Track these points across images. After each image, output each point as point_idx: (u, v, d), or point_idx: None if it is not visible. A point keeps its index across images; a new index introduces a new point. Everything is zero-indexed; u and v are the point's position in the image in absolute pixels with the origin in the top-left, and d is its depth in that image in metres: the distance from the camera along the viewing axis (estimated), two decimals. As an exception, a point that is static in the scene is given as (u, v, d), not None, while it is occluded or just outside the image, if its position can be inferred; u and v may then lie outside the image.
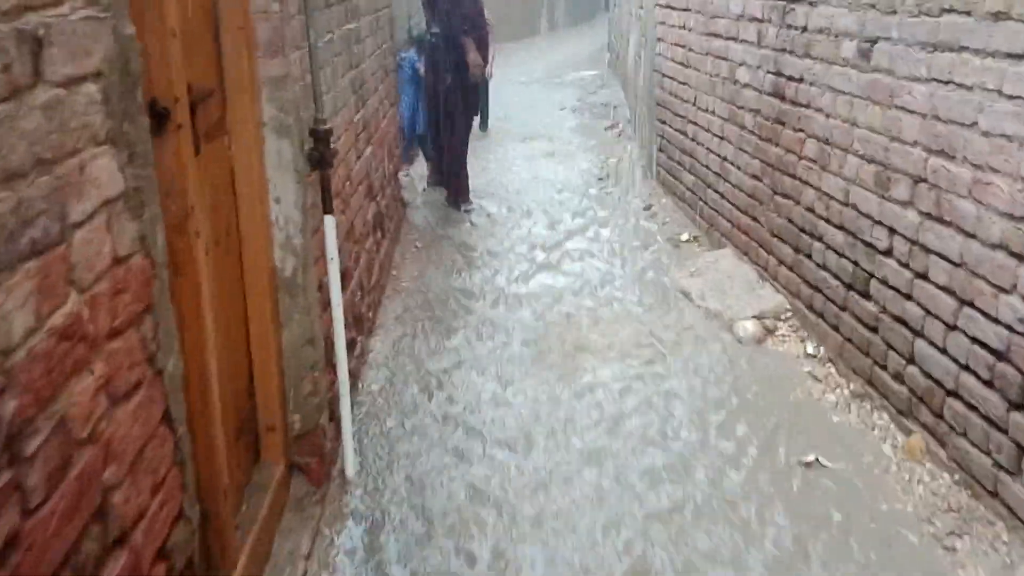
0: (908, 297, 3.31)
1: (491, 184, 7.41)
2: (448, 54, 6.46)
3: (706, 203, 5.71)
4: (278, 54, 2.73)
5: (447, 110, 6.62)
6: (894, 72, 3.36)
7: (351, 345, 3.49)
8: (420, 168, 7.48)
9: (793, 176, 4.31)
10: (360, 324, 4.03)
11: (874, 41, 3.51)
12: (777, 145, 4.49)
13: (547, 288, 5.13)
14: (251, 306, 2.80)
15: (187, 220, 2.17)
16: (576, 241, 5.97)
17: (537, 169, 7.94)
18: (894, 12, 3.36)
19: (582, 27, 20.34)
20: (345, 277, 3.58)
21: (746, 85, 4.91)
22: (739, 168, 5.07)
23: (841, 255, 3.84)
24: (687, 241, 5.83)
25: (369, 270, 4.39)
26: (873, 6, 3.51)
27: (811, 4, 4.06)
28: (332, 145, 2.99)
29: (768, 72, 4.58)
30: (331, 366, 3.11)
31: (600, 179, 7.48)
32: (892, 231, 3.42)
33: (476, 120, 7.47)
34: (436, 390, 3.91)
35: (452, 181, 6.76)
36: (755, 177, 4.81)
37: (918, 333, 3.26)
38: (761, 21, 4.66)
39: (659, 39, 6.77)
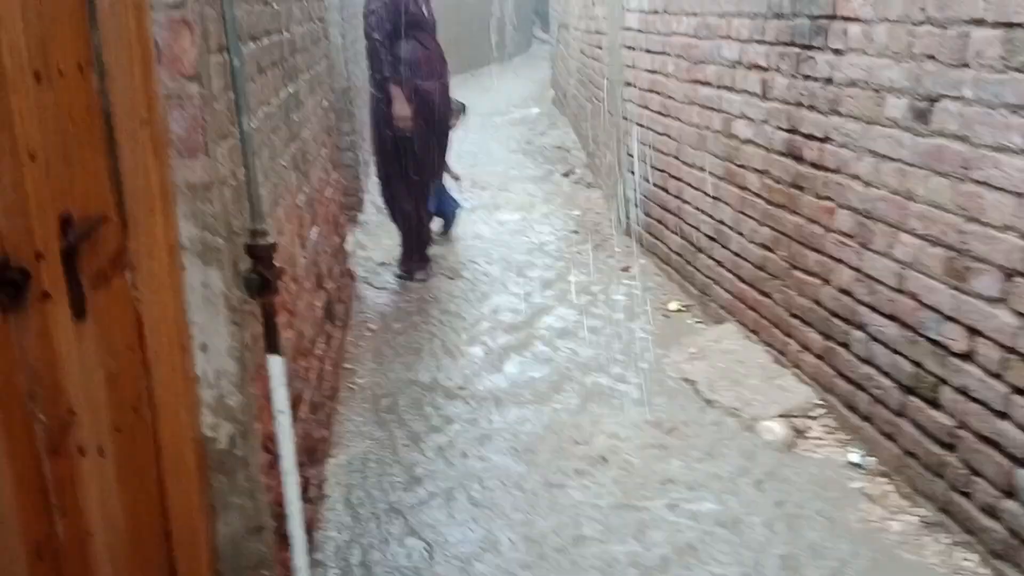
0: (1003, 416, 2.68)
1: (449, 243, 6.69)
2: (380, 104, 5.71)
3: (697, 269, 5.07)
4: (198, 152, 1.98)
5: (387, 168, 5.88)
6: (969, 139, 2.75)
7: (304, 487, 2.73)
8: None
9: (819, 251, 3.68)
10: (314, 454, 3.26)
11: (935, 99, 2.89)
12: (795, 213, 3.86)
13: (525, 382, 4.41)
14: (172, 495, 2.03)
15: (65, 433, 1.42)
16: (551, 315, 5.27)
17: (498, 224, 7.23)
18: (964, 65, 2.74)
19: (521, 59, 19.82)
20: (296, 404, 2.82)
21: (747, 141, 4.29)
22: (742, 234, 4.43)
23: (895, 351, 3.21)
24: (678, 311, 5.18)
25: (321, 380, 3.62)
26: (932, 57, 2.90)
27: (837, 52, 3.45)
28: (277, 262, 2.24)
29: (779, 128, 3.96)
30: (282, 560, 2.34)
31: (569, 234, 6.80)
32: (973, 332, 2.78)
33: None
34: (409, 536, 3.15)
35: (403, 248, 6.00)
36: (765, 247, 4.18)
37: (1019, 461, 2.62)
38: (766, 69, 4.04)
39: (628, 83, 6.14)
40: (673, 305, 5.23)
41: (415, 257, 5.94)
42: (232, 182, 2.17)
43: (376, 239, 6.82)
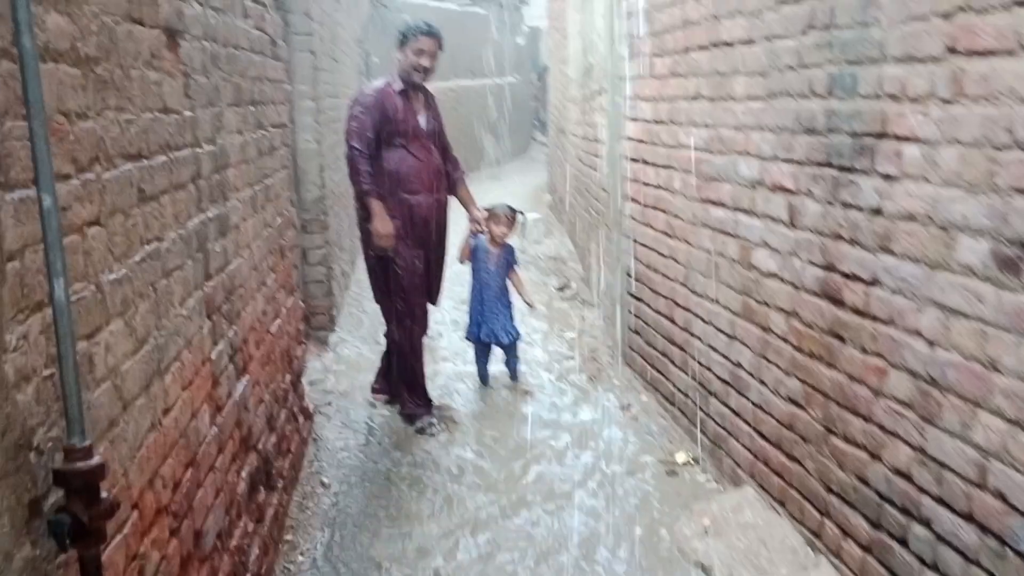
0: None
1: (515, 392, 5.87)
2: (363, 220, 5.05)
3: (709, 415, 4.33)
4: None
5: (376, 287, 5.19)
6: (1084, 301, 2.06)
7: None
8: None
9: (866, 418, 2.96)
10: None
11: (1029, 245, 2.22)
12: (832, 367, 3.16)
13: (502, 565, 3.62)
14: None
15: None
16: (541, 465, 4.50)
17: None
18: (1074, 204, 2.07)
19: (518, 162, 19.46)
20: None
21: (770, 275, 3.61)
22: (764, 383, 3.71)
23: (972, 561, 2.46)
24: (686, 464, 4.42)
25: None
26: (1021, 191, 2.23)
27: (887, 177, 2.79)
28: (106, 493, 1.51)
29: (811, 263, 3.28)
30: None
31: (563, 360, 6.08)
32: (1100, 563, 2.04)
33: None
34: None
35: (396, 380, 5.23)
36: (794, 402, 3.45)
37: None
38: (793, 192, 3.39)
39: (629, 197, 5.52)
40: (681, 456, 4.48)
41: (411, 398, 5.14)
42: (40, 375, 1.47)
43: (347, 362, 6.11)
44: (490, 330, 5.59)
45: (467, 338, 5.74)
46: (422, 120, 4.99)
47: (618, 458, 4.56)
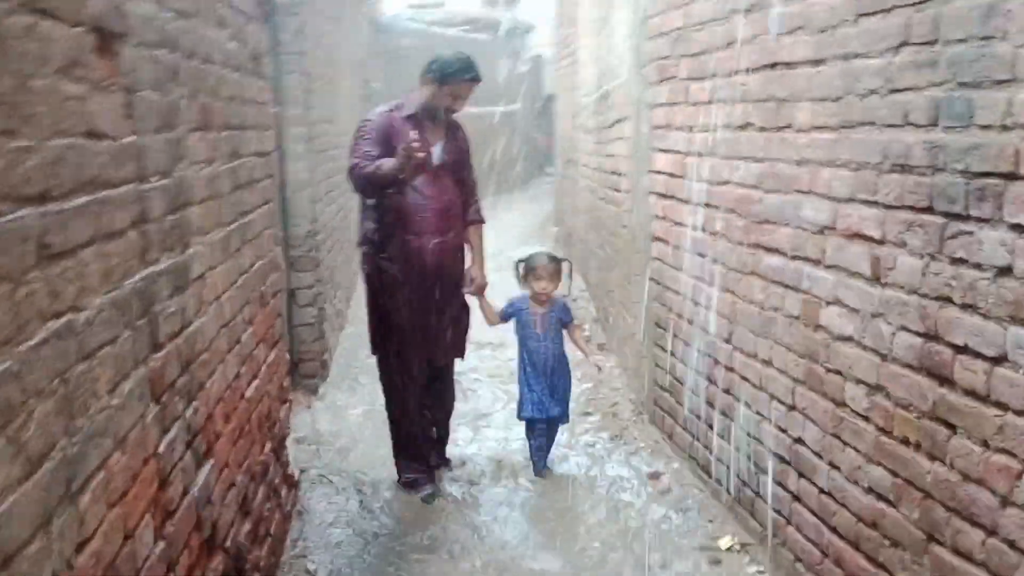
0: None
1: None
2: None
3: (759, 495, 3.72)
4: None
5: (374, 337, 4.55)
6: None
7: None
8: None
9: (990, 531, 2.34)
10: None
11: None
12: (937, 459, 2.55)
13: None
14: None
15: None
16: (552, 554, 3.88)
17: (493, 397, 5.90)
18: None
19: (523, 192, 18.91)
20: None
21: (845, 339, 3.01)
22: (835, 467, 3.10)
23: None
24: (731, 550, 3.80)
25: None
26: None
27: (1019, 229, 2.20)
28: None
29: (905, 329, 2.68)
30: None
31: (580, 416, 5.45)
32: None
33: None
34: None
35: (392, 444, 4.60)
36: (881, 496, 2.84)
37: None
38: (880, 243, 2.80)
39: (657, 238, 4.93)
40: (725, 542, 3.85)
41: (406, 465, 4.51)
42: None
43: (340, 415, 5.49)
44: (537, 407, 4.64)
45: (520, 418, 4.79)
46: (435, 151, 4.32)
47: (651, 540, 3.94)
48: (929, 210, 2.55)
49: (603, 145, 7.05)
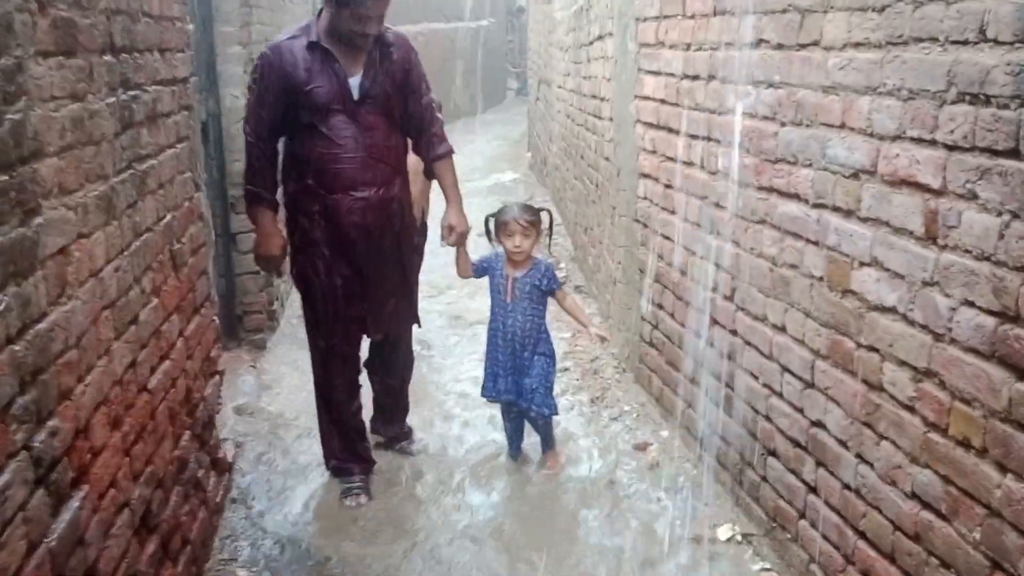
0: None
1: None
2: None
3: (767, 480, 3.20)
4: None
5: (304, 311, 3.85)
6: None
7: None
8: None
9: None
10: None
11: None
12: (1013, 474, 2.01)
13: None
14: None
15: None
16: (526, 526, 3.36)
17: (461, 351, 5.33)
18: None
19: (493, 114, 18.10)
20: None
21: (885, 309, 2.45)
22: (866, 461, 2.57)
23: None
24: (731, 541, 3.30)
25: None
26: None
27: None
28: None
29: (968, 304, 2.11)
30: None
31: (560, 371, 4.88)
32: None
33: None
34: None
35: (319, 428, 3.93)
36: (928, 506, 2.31)
37: None
38: (938, 193, 2.21)
39: (645, 174, 4.32)
40: (724, 532, 3.35)
41: (333, 452, 3.81)
42: None
43: (290, 372, 4.90)
44: (511, 385, 3.86)
45: (482, 395, 4.04)
46: (353, 84, 3.45)
47: (640, 528, 3.43)
48: (1014, 154, 1.96)
49: (581, 65, 6.36)
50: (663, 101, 4.01)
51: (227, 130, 5.00)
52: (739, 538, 3.29)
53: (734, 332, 3.39)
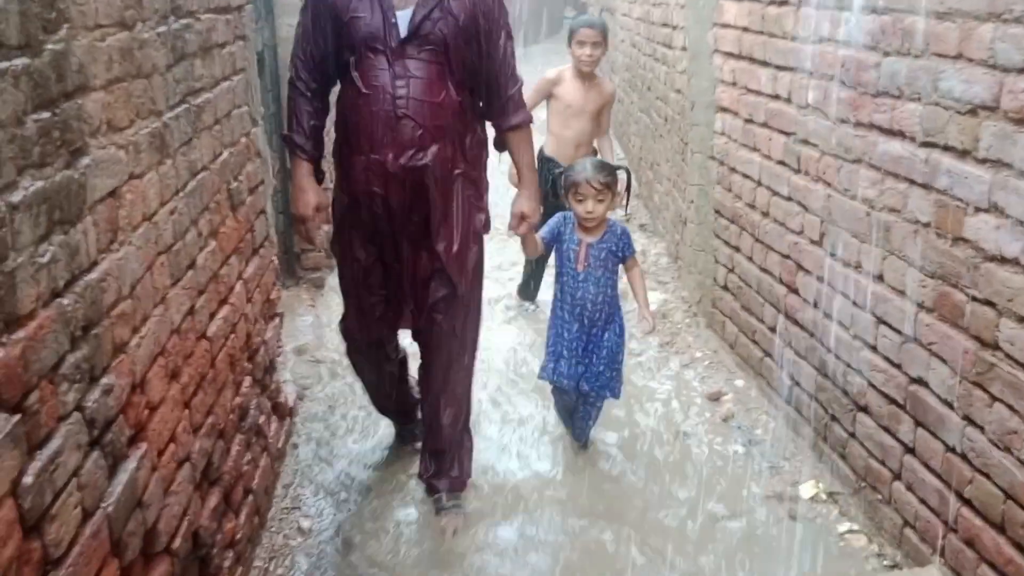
0: None
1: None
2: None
3: (855, 436, 3.01)
4: None
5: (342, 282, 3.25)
6: None
7: None
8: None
9: None
10: None
11: None
12: None
13: None
14: None
15: None
16: (599, 484, 3.23)
17: (512, 298, 5.16)
18: None
19: (550, 43, 17.62)
20: None
21: (1004, 260, 2.21)
22: (975, 424, 2.37)
23: None
24: (815, 499, 3.13)
25: None
26: None
27: None
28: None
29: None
30: None
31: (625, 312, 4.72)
32: None
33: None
34: None
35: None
36: (1048, 480, 2.11)
37: None
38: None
39: (723, 108, 4.06)
40: (807, 488, 3.18)
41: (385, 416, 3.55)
42: None
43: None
44: (573, 369, 3.38)
45: (540, 378, 3.56)
46: (401, 18, 2.77)
47: (715, 482, 3.27)
48: None
49: (650, -9, 6.02)
50: (746, 29, 3.72)
51: (283, 61, 4.81)
52: (824, 496, 3.11)
53: (821, 279, 3.17)
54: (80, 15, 1.70)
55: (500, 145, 3.12)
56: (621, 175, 3.39)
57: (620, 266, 3.39)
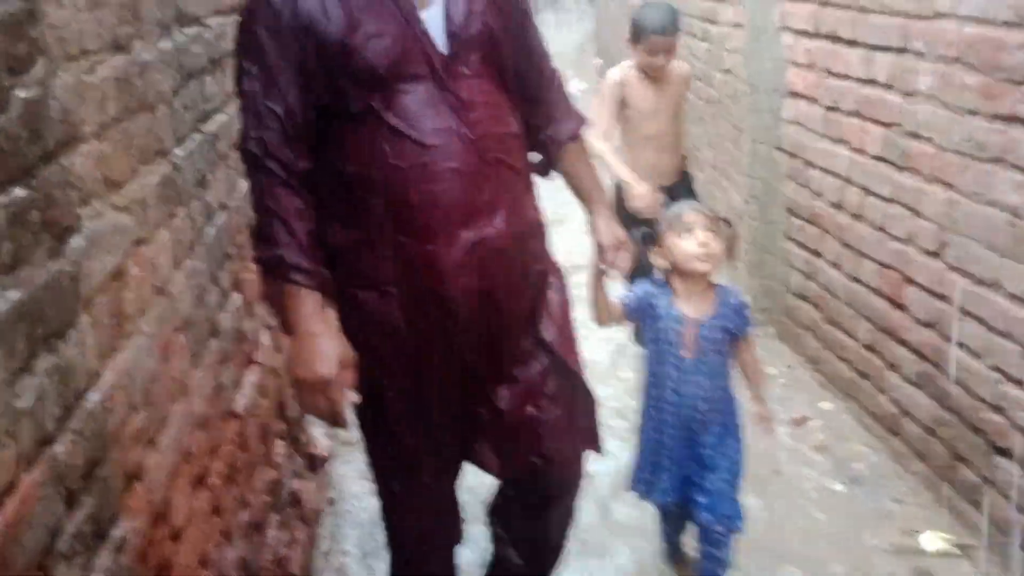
0: None
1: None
2: None
3: (989, 481, 2.58)
4: None
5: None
6: None
7: None
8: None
9: None
10: None
11: None
12: None
13: None
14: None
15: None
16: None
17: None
18: None
19: (551, 13, 17.01)
20: None
21: None
22: None
23: None
24: (941, 554, 2.69)
25: None
26: None
27: None
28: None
29: None
30: None
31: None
32: None
33: None
34: None
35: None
36: None
37: None
38: None
39: (795, 93, 3.59)
40: (930, 541, 2.74)
41: None
42: None
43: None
44: (677, 483, 2.49)
45: (632, 490, 2.61)
46: (433, 24, 1.79)
47: (823, 529, 2.84)
48: None
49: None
50: (826, 3, 3.25)
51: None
52: (955, 550, 2.68)
53: (942, 297, 2.72)
54: (59, 43, 1.24)
55: (546, 167, 2.12)
56: (726, 232, 2.49)
57: None
